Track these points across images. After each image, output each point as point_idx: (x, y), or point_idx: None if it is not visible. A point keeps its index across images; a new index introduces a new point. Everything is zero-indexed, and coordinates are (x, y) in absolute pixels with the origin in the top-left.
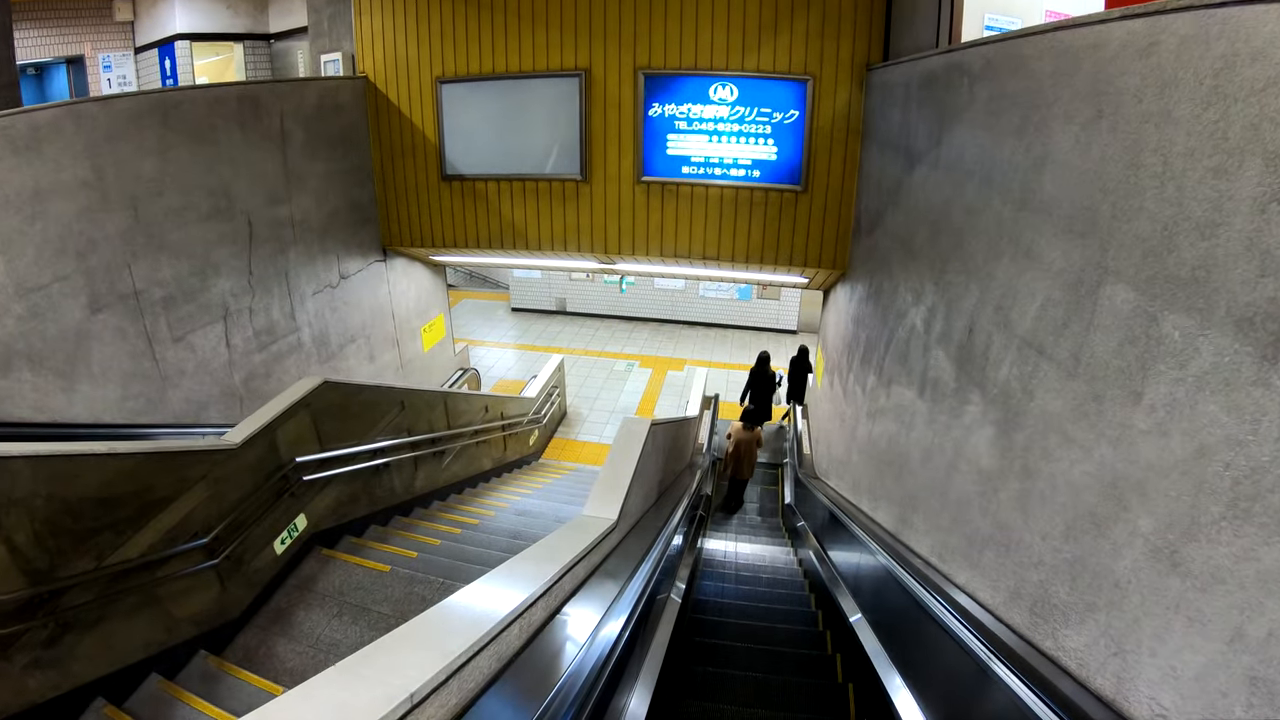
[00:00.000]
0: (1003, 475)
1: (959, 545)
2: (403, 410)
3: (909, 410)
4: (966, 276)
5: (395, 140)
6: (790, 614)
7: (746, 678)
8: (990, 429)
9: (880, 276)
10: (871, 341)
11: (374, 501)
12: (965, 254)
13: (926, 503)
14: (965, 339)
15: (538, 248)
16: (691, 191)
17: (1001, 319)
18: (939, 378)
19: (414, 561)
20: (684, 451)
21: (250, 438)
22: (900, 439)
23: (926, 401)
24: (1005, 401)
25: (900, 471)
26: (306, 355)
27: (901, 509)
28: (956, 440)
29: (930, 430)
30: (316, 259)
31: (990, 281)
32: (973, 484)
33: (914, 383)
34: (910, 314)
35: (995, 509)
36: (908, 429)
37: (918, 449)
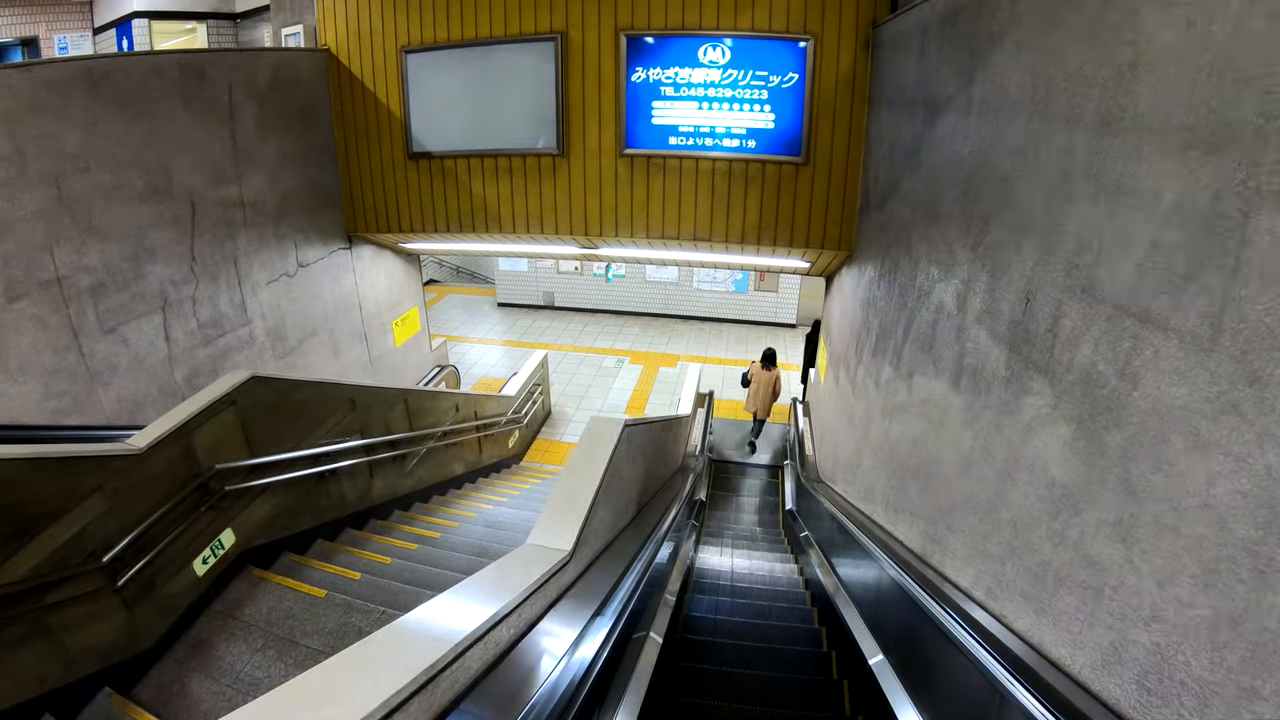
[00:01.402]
0: (1088, 491)
1: (1018, 580)
2: (353, 410)
3: (938, 406)
4: (1018, 235)
5: (359, 117)
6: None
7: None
8: (1065, 428)
9: (896, 253)
10: (886, 328)
11: (319, 513)
12: (1015, 207)
13: (966, 521)
14: (1020, 314)
15: (511, 230)
16: (680, 165)
17: (1078, 282)
18: (981, 365)
19: (356, 585)
20: (673, 454)
21: (158, 441)
22: (927, 441)
23: (963, 395)
24: (1089, 391)
25: (928, 480)
26: (260, 350)
27: (930, 526)
28: (1011, 443)
29: (970, 430)
30: (271, 245)
31: (1057, 236)
32: (1039, 501)
33: (944, 373)
34: (936, 291)
35: (1077, 536)
36: (937, 429)
37: (952, 453)
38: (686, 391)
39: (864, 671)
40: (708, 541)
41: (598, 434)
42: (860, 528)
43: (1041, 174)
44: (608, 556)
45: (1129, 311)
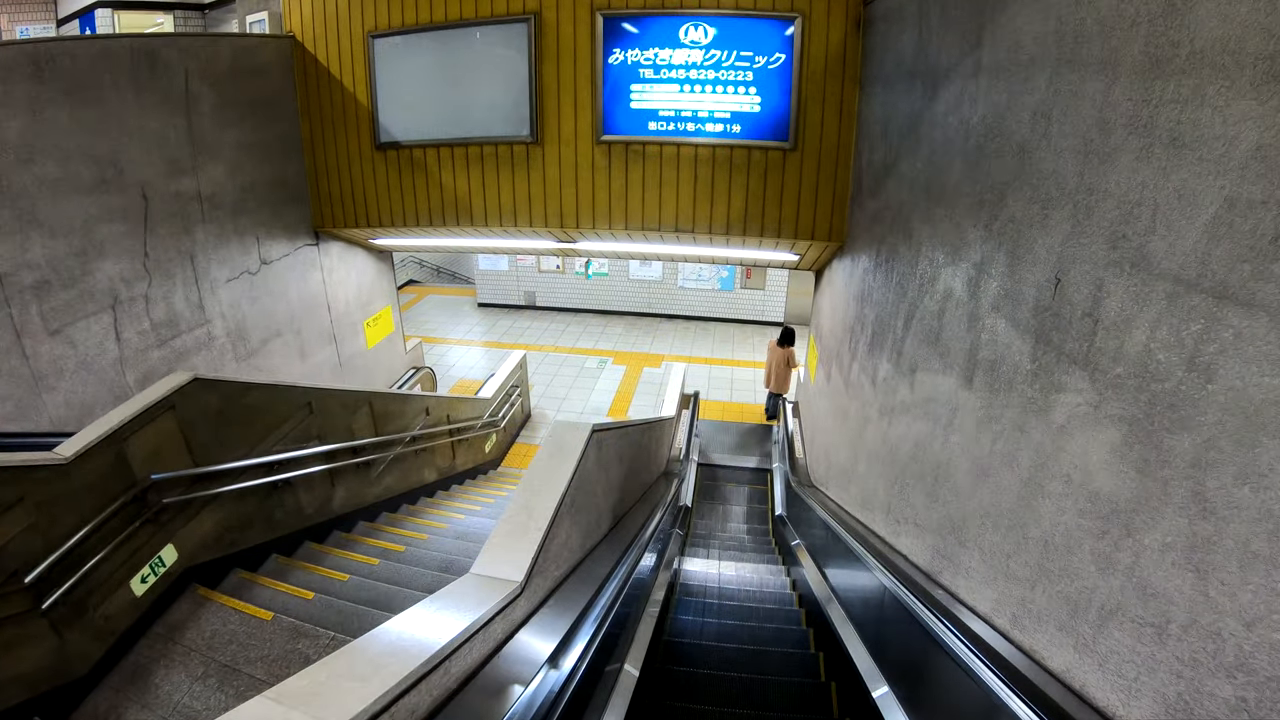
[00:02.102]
0: (1146, 507)
1: (1051, 609)
2: (311, 414)
3: (946, 404)
4: (1042, 206)
5: (326, 107)
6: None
7: None
8: (1112, 430)
9: (893, 240)
10: (883, 321)
11: (274, 526)
12: (1037, 175)
13: (984, 536)
14: (1048, 297)
15: (484, 223)
16: (660, 152)
17: (1125, 255)
18: (1000, 358)
19: (307, 606)
20: (656, 458)
21: (86, 450)
22: (934, 444)
23: (978, 392)
24: (1144, 385)
25: (936, 488)
26: (219, 352)
27: (940, 540)
28: (1040, 448)
29: (987, 433)
30: (231, 240)
31: (1095, 202)
32: (1078, 516)
33: (954, 368)
34: (943, 278)
35: (1130, 561)
36: (945, 430)
37: (965, 458)
38: (670, 392)
39: (867, 705)
40: (694, 552)
41: (561, 441)
42: (858, 539)
43: (1072, 134)
44: (575, 581)
45: (1197, 286)
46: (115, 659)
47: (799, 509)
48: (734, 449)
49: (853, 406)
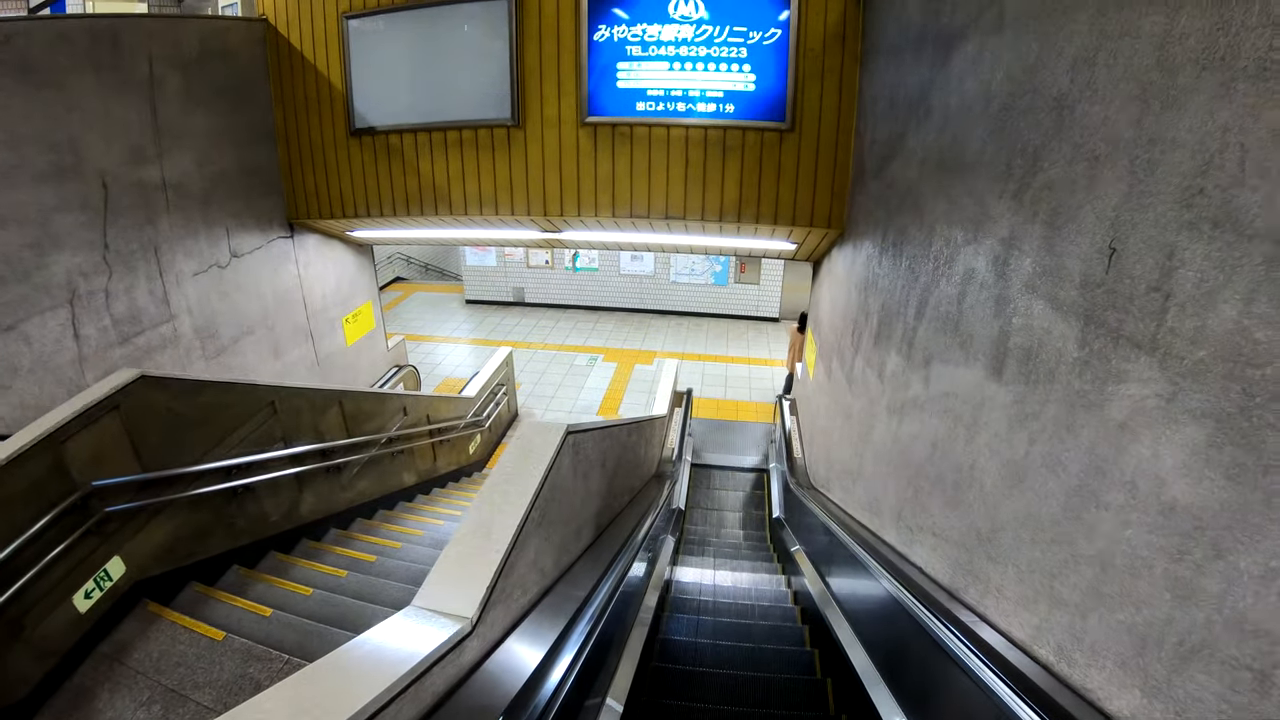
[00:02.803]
0: (1244, 522)
1: (1110, 642)
2: (274, 415)
3: (970, 400)
4: (1088, 165)
5: (300, 93)
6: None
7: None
8: (1192, 428)
9: (902, 221)
10: (891, 310)
11: (234, 535)
12: (1080, 130)
13: (1021, 551)
14: (1100, 270)
15: (463, 212)
16: (649, 134)
17: (1204, 214)
18: (1038, 344)
19: (265, 624)
20: (647, 459)
21: (18, 455)
22: (954, 444)
23: (1010, 385)
24: (1237, 372)
25: (957, 494)
26: (186, 349)
27: (964, 553)
28: (1093, 449)
29: (1022, 431)
30: (199, 232)
31: (1159, 152)
32: (1147, 532)
33: (978, 358)
34: (962, 258)
35: (1221, 590)
36: (969, 429)
37: (994, 461)
38: (662, 389)
39: None
40: (687, 559)
41: (529, 446)
42: (866, 548)
43: (1124, 79)
44: (548, 607)
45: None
46: (57, 682)
47: (798, 512)
48: (729, 448)
49: (857, 404)
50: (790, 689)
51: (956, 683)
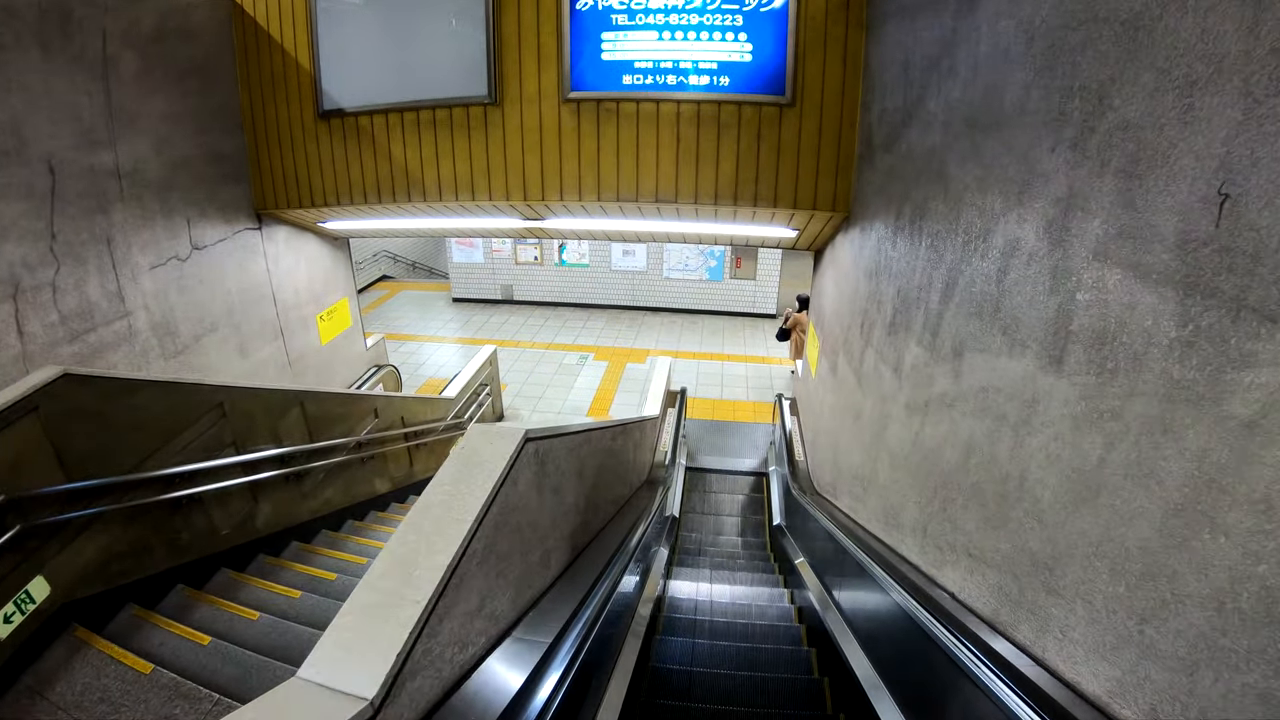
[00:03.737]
0: None
1: (1244, 713)
2: (224, 418)
3: (1018, 395)
4: (1180, 95)
5: (266, 75)
6: None
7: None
8: None
9: (922, 194)
10: (909, 296)
11: (179, 551)
12: (1168, 52)
13: (1093, 584)
14: (1207, 224)
15: (437, 198)
16: (637, 110)
17: None
18: (1115, 323)
19: (201, 654)
20: (637, 464)
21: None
22: (996, 448)
23: (1076, 377)
24: None
25: (1002, 508)
26: (143, 348)
27: (1011, 580)
28: (1205, 455)
29: (1094, 434)
30: (156, 222)
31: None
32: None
33: (1028, 345)
34: (1001, 229)
35: None
36: (1017, 430)
37: (1054, 470)
38: (654, 389)
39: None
40: (681, 571)
41: (473, 458)
42: (884, 566)
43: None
44: (500, 660)
45: None
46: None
47: (801, 520)
48: (726, 451)
49: (868, 402)
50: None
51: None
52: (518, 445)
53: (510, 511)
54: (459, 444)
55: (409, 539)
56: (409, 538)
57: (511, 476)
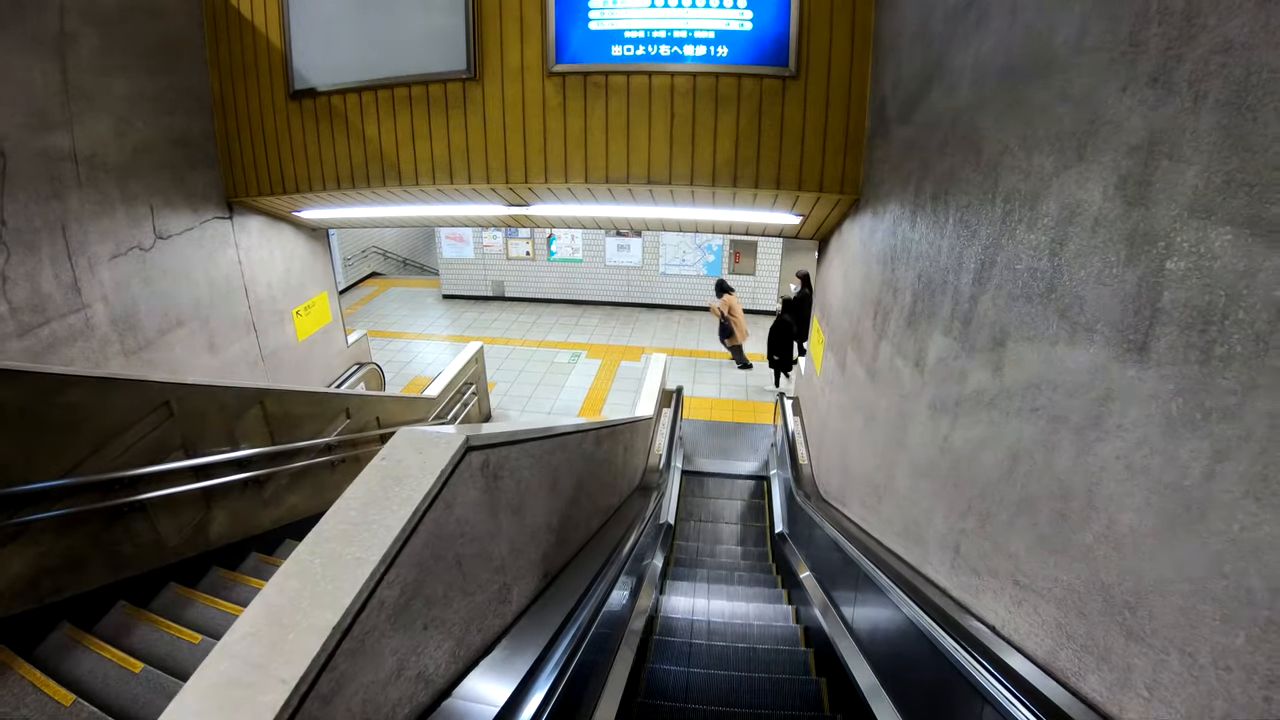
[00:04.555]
0: None
1: None
2: (170, 417)
3: (1082, 391)
4: None
5: (237, 54)
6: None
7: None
8: None
9: (947, 164)
10: (932, 281)
11: (121, 564)
12: None
13: (1200, 634)
14: None
15: (413, 181)
16: (627, 83)
17: None
18: (1229, 297)
19: (130, 684)
20: (627, 471)
21: None
22: (1053, 455)
23: (1167, 367)
24: None
25: (1062, 529)
26: (102, 342)
27: (1078, 620)
28: None
29: (1194, 439)
30: (117, 209)
31: None
32: None
33: (1097, 329)
34: (1055, 191)
35: None
36: (1081, 435)
37: (1137, 484)
38: (648, 387)
39: None
40: (676, 585)
41: (397, 469)
42: (904, 587)
43: None
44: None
45: None
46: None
47: (805, 528)
48: (724, 453)
49: (883, 402)
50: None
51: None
52: (452, 457)
53: (446, 542)
54: (381, 452)
55: (289, 586)
56: (289, 584)
57: (445, 498)
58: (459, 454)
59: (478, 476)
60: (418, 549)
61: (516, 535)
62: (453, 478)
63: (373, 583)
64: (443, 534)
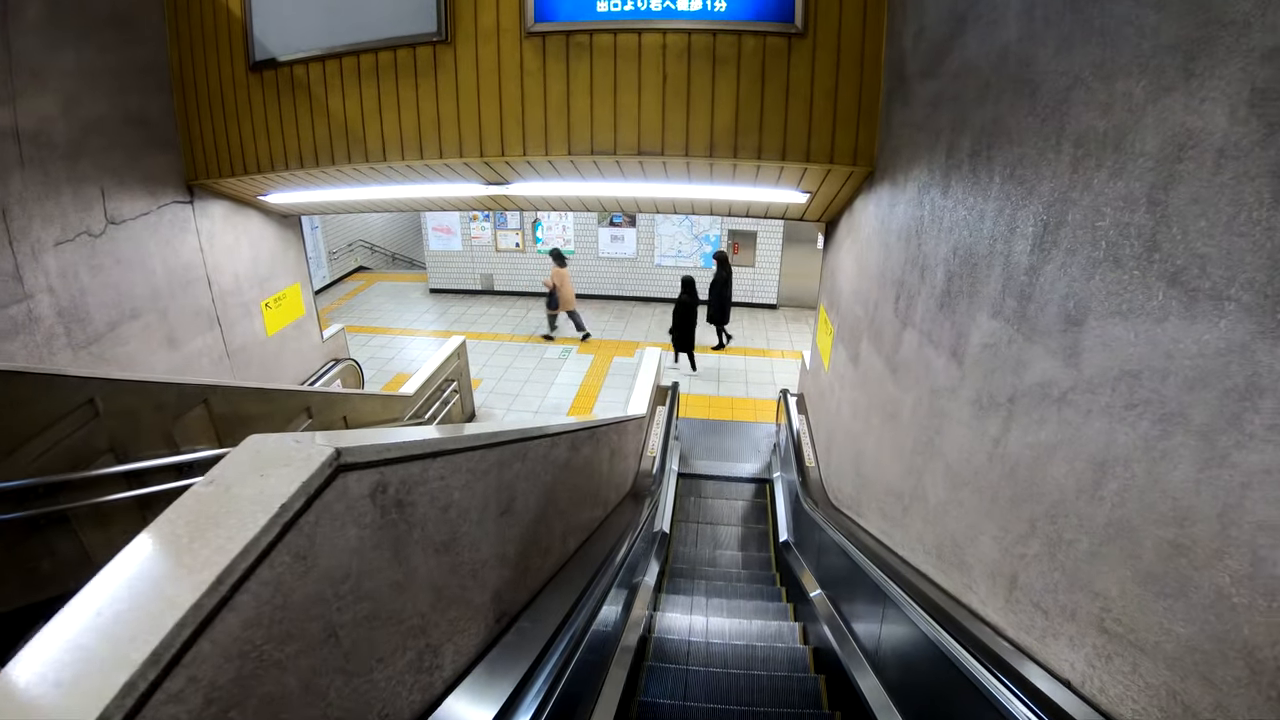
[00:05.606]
0: None
1: None
2: (96, 417)
3: (1203, 381)
4: None
5: (197, 26)
6: None
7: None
8: None
9: (989, 114)
10: (973, 253)
11: (39, 584)
12: None
13: None
14: None
15: (381, 158)
16: (614, 43)
17: None
18: None
19: None
20: (614, 476)
21: None
22: (1159, 468)
23: None
24: None
25: (1176, 565)
26: (47, 336)
27: (1197, 684)
28: None
29: None
30: (63, 192)
31: None
32: None
33: (1227, 296)
34: (1146, 126)
35: None
36: (1208, 441)
37: None
38: (641, 384)
39: None
40: (672, 601)
41: (223, 502)
42: (942, 620)
43: None
44: None
45: None
46: None
47: (813, 536)
48: (723, 454)
49: (908, 398)
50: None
51: None
52: (305, 483)
53: (304, 610)
54: (207, 476)
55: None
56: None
57: (293, 545)
58: (321, 477)
59: (363, 508)
60: (235, 631)
61: (446, 579)
62: (310, 512)
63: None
64: (294, 601)
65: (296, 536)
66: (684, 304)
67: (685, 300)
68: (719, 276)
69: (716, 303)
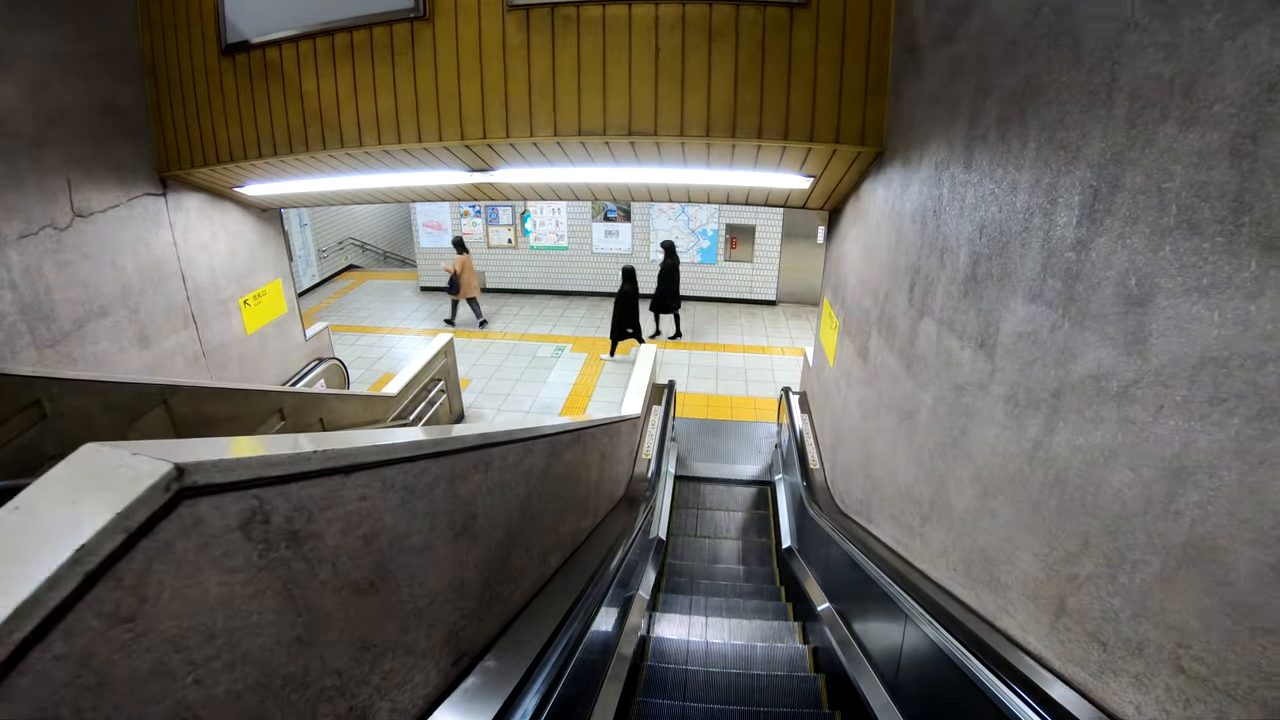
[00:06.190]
0: None
1: None
2: (43, 419)
3: None
4: None
5: (169, 10)
6: None
7: None
8: None
9: (1017, 77)
10: (1003, 232)
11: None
12: None
13: None
14: None
15: (357, 142)
16: (603, 15)
17: None
18: None
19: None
20: (605, 484)
21: None
22: (1256, 474)
23: None
24: None
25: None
26: (9, 334)
27: None
28: None
29: None
30: (25, 182)
31: None
32: None
33: None
34: (1221, 70)
35: None
36: None
37: None
38: (636, 382)
39: None
40: (670, 613)
41: (18, 536)
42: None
43: None
44: None
45: None
46: None
47: (819, 545)
48: (722, 455)
49: (926, 395)
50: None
51: None
52: (118, 513)
53: (139, 689)
54: (13, 502)
55: None
56: None
57: (96, 604)
58: (151, 505)
59: (229, 544)
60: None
61: (375, 624)
62: (134, 555)
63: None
64: (113, 680)
65: (111, 590)
66: (625, 294)
67: (626, 291)
68: (666, 264)
69: (662, 288)
